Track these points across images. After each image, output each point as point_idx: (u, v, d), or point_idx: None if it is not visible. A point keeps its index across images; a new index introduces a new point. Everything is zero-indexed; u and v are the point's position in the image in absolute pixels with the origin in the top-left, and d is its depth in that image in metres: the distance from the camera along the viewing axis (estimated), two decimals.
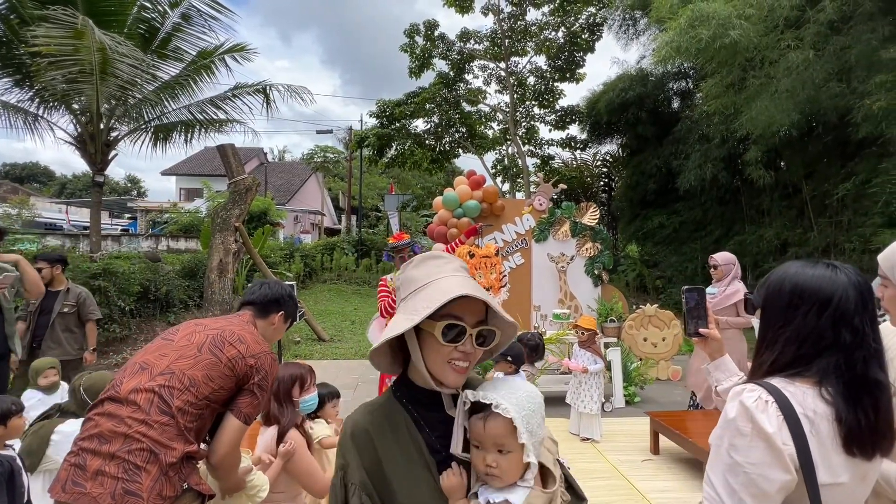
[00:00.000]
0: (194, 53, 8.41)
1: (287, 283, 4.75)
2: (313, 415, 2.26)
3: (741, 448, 0.86)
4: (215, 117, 8.95)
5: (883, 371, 0.90)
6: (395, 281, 3.67)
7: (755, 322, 5.56)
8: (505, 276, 3.64)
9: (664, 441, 3.54)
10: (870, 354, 0.89)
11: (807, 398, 0.88)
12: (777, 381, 0.91)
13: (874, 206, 7.33)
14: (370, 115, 15.26)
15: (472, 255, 3.62)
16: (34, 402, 2.78)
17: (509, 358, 2.69)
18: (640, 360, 5.57)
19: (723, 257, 3.92)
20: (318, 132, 22.83)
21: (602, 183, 17.50)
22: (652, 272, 13.18)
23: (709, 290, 4.04)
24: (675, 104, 13.52)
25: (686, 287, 1.34)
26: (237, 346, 1.59)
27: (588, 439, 3.75)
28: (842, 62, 7.26)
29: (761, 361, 0.99)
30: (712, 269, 3.96)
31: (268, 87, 8.60)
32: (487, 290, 3.70)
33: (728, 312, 3.80)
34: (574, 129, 15.91)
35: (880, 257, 1.27)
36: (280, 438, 1.84)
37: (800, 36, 7.26)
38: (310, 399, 2.07)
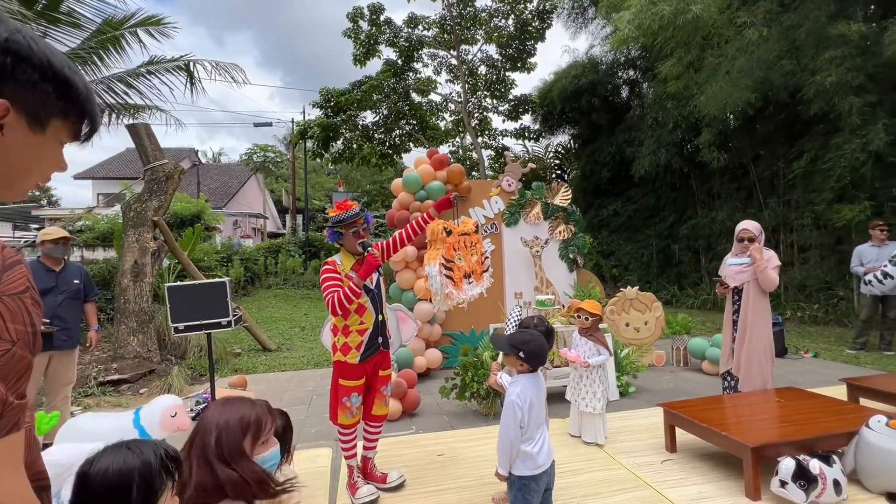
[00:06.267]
0: (99, 21, 7.07)
1: (221, 279, 3.85)
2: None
3: None
4: (129, 101, 7.62)
5: None
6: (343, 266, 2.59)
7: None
8: (487, 257, 2.98)
9: (681, 435, 3.07)
10: None
11: None
12: None
13: (824, 182, 7.49)
14: (313, 106, 14.17)
15: (448, 233, 2.93)
16: None
17: (521, 354, 2.04)
18: (626, 346, 5.17)
19: (756, 227, 3.54)
20: (256, 125, 21.17)
21: (555, 175, 17.50)
22: (608, 261, 13.17)
23: (732, 261, 3.64)
24: (626, 92, 13.64)
25: None
26: None
27: (592, 443, 3.20)
28: (792, 40, 7.36)
29: None
30: (747, 242, 3.52)
31: (191, 64, 7.42)
32: (468, 276, 3.02)
33: (754, 283, 3.45)
34: (527, 120, 15.71)
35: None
36: None
37: (753, 13, 7.28)
38: (270, 456, 1.31)
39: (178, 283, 3.83)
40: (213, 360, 3.94)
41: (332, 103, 13.68)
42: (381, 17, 13.69)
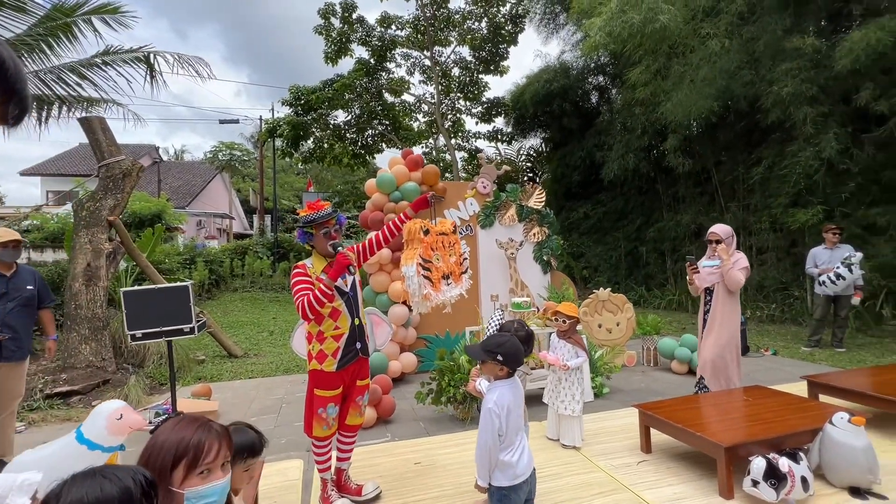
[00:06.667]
0: (48, 6, 6.59)
1: (183, 283, 3.64)
2: None
3: None
4: (82, 93, 7.14)
5: None
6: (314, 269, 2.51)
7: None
8: (466, 259, 2.92)
9: (655, 435, 3.11)
10: None
11: None
12: None
13: (781, 187, 7.87)
14: (283, 103, 13.78)
15: (426, 232, 2.86)
16: None
17: (500, 357, 1.99)
18: (599, 347, 5.24)
19: (723, 230, 3.63)
20: (222, 122, 20.44)
21: (527, 178, 17.71)
22: (579, 263, 13.42)
23: (706, 263, 3.74)
24: (596, 97, 13.95)
25: None
26: None
27: (570, 447, 3.20)
28: (751, 51, 7.71)
29: None
30: (715, 244, 3.64)
31: (152, 56, 7.03)
32: (447, 277, 2.95)
33: (723, 284, 3.56)
34: (500, 122, 15.83)
35: None
36: None
37: (716, 24, 7.57)
38: (207, 492, 1.10)
39: (136, 287, 3.59)
40: (174, 369, 3.71)
41: (302, 101, 13.34)
42: (354, 15, 13.48)
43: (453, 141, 15.60)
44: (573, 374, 3.21)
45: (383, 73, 14.43)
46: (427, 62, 14.66)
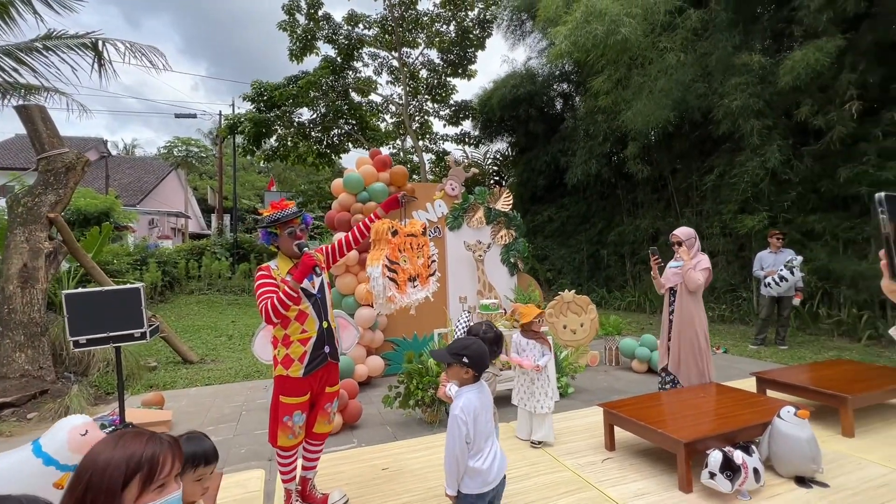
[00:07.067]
0: None
1: (134, 285, 3.41)
2: None
3: None
4: (19, 79, 6.59)
5: None
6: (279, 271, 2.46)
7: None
8: (434, 260, 2.90)
9: (619, 433, 3.20)
10: None
11: None
12: None
13: (731, 194, 8.35)
14: (244, 99, 13.29)
15: (394, 233, 2.82)
16: None
17: (465, 360, 1.97)
18: (564, 348, 5.35)
19: (684, 232, 3.78)
20: (178, 116, 19.49)
21: (494, 182, 17.94)
22: (543, 265, 13.71)
23: (671, 264, 3.88)
24: (560, 104, 14.31)
25: (884, 195, 0.79)
26: None
27: (542, 443, 3.25)
28: (704, 65, 8.14)
29: None
30: (675, 246, 3.79)
31: (101, 43, 6.59)
32: (414, 279, 2.92)
33: (684, 284, 3.71)
34: (467, 126, 15.95)
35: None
36: None
37: (673, 39, 7.95)
38: None
39: (80, 289, 3.33)
40: (122, 377, 3.47)
41: (265, 97, 12.94)
42: (320, 12, 13.21)
43: (421, 143, 15.58)
44: (544, 372, 3.26)
45: (350, 72, 14.22)
46: (395, 63, 14.57)
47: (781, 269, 6.22)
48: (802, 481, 2.66)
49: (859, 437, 3.27)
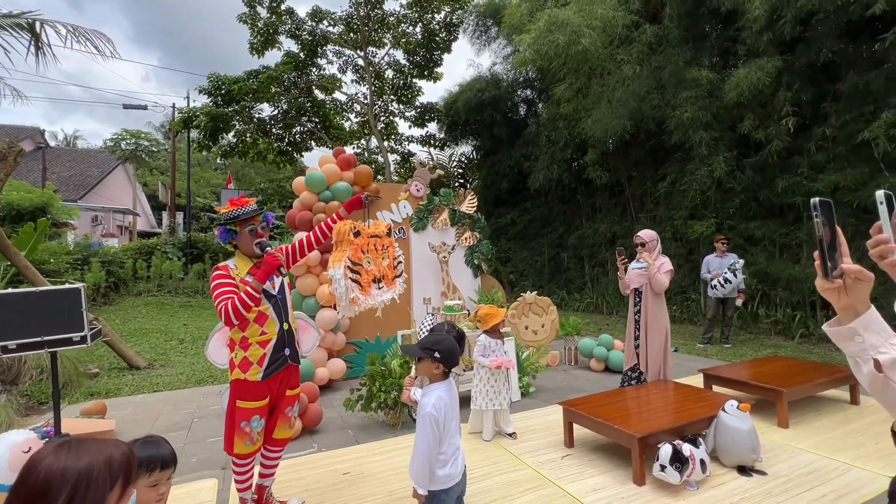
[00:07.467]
0: None
1: (74, 285, 3.17)
2: None
3: None
4: None
5: None
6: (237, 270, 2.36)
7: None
8: (400, 262, 2.90)
9: (577, 430, 3.31)
10: None
11: None
12: None
13: (681, 201, 8.83)
14: (200, 92, 12.71)
15: (357, 234, 2.78)
16: None
17: (437, 355, 1.98)
18: (526, 348, 5.46)
19: (648, 234, 3.93)
20: (127, 107, 18.37)
21: (458, 184, 18.08)
22: (506, 267, 13.94)
23: (634, 265, 4.02)
24: (524, 109, 14.62)
25: (818, 200, 0.85)
26: None
27: (512, 434, 3.42)
28: (658, 78, 8.57)
29: None
30: (640, 248, 3.93)
31: (38, 24, 6.11)
32: (379, 280, 2.89)
33: (649, 285, 3.87)
34: (433, 128, 15.98)
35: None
36: None
37: (630, 52, 8.32)
38: None
39: (10, 290, 3.07)
40: (58, 385, 3.22)
41: (223, 91, 12.42)
42: (283, 6, 12.85)
43: (386, 143, 15.46)
44: (504, 369, 3.35)
45: (314, 69, 13.92)
46: (360, 62, 14.39)
47: (725, 272, 6.63)
48: (744, 470, 2.84)
49: (793, 428, 3.53)
